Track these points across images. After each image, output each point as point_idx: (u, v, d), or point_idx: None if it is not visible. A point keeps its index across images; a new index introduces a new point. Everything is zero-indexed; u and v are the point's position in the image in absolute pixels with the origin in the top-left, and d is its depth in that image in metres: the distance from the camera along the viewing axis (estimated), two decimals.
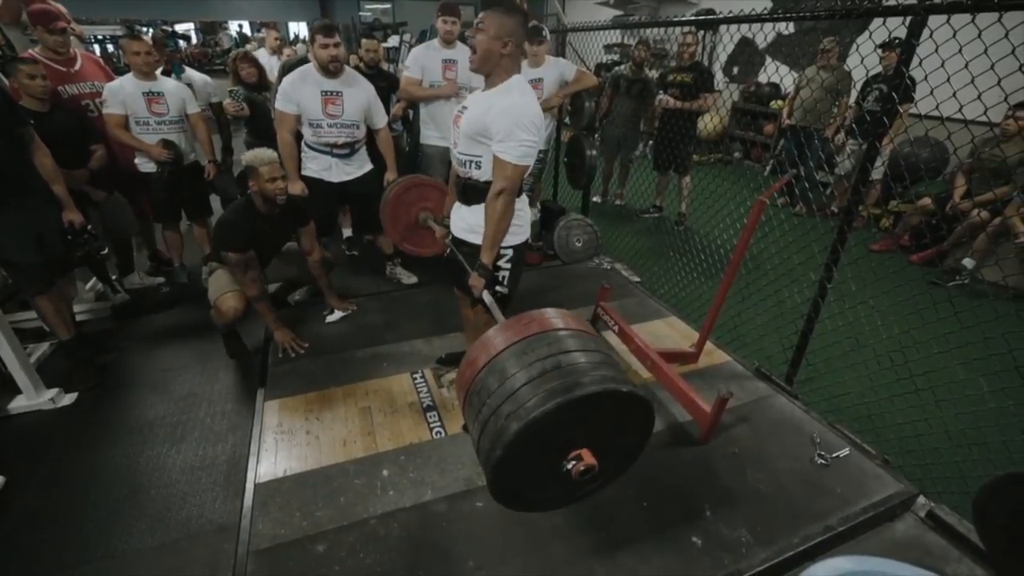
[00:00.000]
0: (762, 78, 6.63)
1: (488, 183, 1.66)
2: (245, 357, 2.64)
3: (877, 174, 4.42)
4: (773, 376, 2.37)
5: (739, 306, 2.58)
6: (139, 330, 2.93)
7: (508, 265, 1.81)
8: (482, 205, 1.68)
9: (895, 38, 3.90)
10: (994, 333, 1.65)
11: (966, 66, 1.56)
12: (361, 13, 12.07)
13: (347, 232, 3.97)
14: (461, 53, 3.18)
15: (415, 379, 2.36)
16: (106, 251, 3.42)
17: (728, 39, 5.51)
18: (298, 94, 2.64)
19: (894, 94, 1.76)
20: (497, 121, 1.55)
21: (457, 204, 1.90)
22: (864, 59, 2.23)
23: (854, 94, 4.61)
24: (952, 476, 1.82)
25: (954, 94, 1.64)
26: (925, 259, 3.94)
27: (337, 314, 2.75)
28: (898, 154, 4.35)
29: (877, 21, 1.92)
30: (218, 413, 2.25)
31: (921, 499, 1.82)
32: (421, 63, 3.10)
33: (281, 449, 1.93)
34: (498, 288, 1.82)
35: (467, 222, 1.83)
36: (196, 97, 3.30)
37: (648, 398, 1.21)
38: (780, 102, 6.38)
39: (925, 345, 1.89)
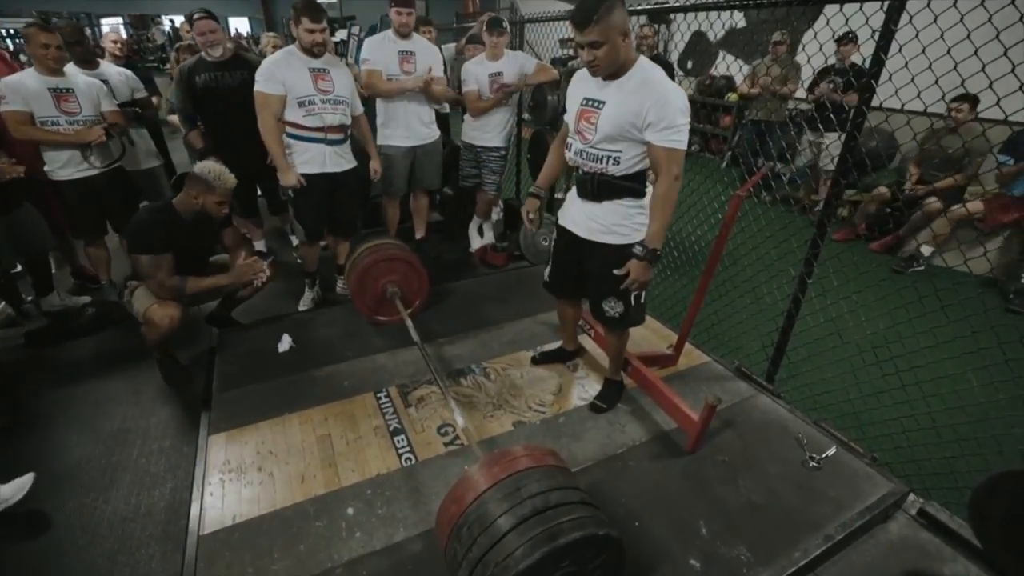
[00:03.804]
0: (715, 71, 6.70)
1: (625, 177, 1.64)
2: (185, 383, 2.37)
3: (833, 164, 4.50)
4: (754, 375, 2.31)
5: (715, 304, 2.51)
6: (60, 358, 2.60)
7: None
8: (616, 203, 1.67)
9: (850, 32, 4.02)
10: (982, 327, 1.61)
11: (923, 52, 1.53)
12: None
13: (296, 240, 3.69)
14: (419, 45, 2.99)
15: (379, 399, 2.16)
16: (18, 269, 3.05)
17: (680, 35, 5.50)
18: (283, 72, 2.43)
19: (873, 83, 1.69)
20: (658, 111, 1.49)
21: (580, 203, 1.78)
22: (821, 48, 2.20)
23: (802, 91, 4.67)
24: (941, 472, 1.79)
25: (912, 80, 1.63)
26: (884, 246, 4.02)
27: (287, 342, 2.51)
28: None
29: (831, 9, 1.86)
30: (155, 451, 1.99)
31: (911, 496, 1.78)
32: (377, 56, 2.89)
33: (229, 491, 1.70)
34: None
35: (601, 222, 1.70)
36: (115, 94, 2.97)
37: (621, 538, 1.23)
38: (735, 95, 6.46)
39: (911, 339, 1.85)
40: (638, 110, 1.51)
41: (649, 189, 1.75)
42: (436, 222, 4.25)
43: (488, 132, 3.32)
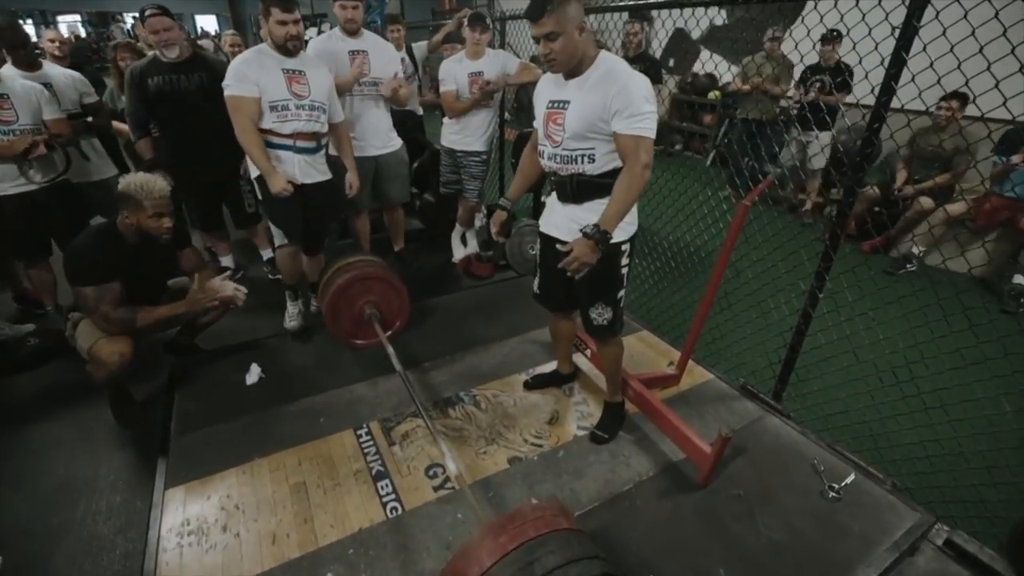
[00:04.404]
0: (701, 69, 6.61)
1: (604, 175, 1.57)
2: (141, 423, 2.13)
3: (819, 163, 4.43)
4: (761, 394, 2.18)
5: (717, 317, 2.37)
6: None
7: (628, 260, 1.72)
8: (598, 202, 1.59)
9: (834, 30, 3.94)
10: (1018, 349, 1.50)
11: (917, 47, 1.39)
12: None
13: (267, 254, 3.44)
14: (370, 42, 2.72)
15: (360, 437, 1.96)
16: None
17: (664, 32, 5.38)
18: (256, 73, 2.16)
19: (893, 84, 1.56)
20: (622, 100, 1.44)
21: (561, 207, 1.71)
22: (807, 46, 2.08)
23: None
24: (969, 500, 1.67)
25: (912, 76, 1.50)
26: (875, 247, 3.96)
27: (256, 372, 2.28)
28: (836, 142, 4.38)
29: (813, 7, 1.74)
30: (103, 510, 1.75)
31: (936, 525, 1.67)
32: (324, 57, 2.58)
33: (189, 559, 1.49)
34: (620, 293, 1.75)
35: (584, 224, 1.54)
36: (60, 99, 2.69)
37: None
38: (718, 93, 6.38)
39: (936, 360, 1.73)
40: (603, 102, 1.47)
41: None
42: (416, 230, 4.04)
43: (468, 136, 3.13)
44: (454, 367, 2.38)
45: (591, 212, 1.59)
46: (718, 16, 6.27)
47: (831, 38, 3.96)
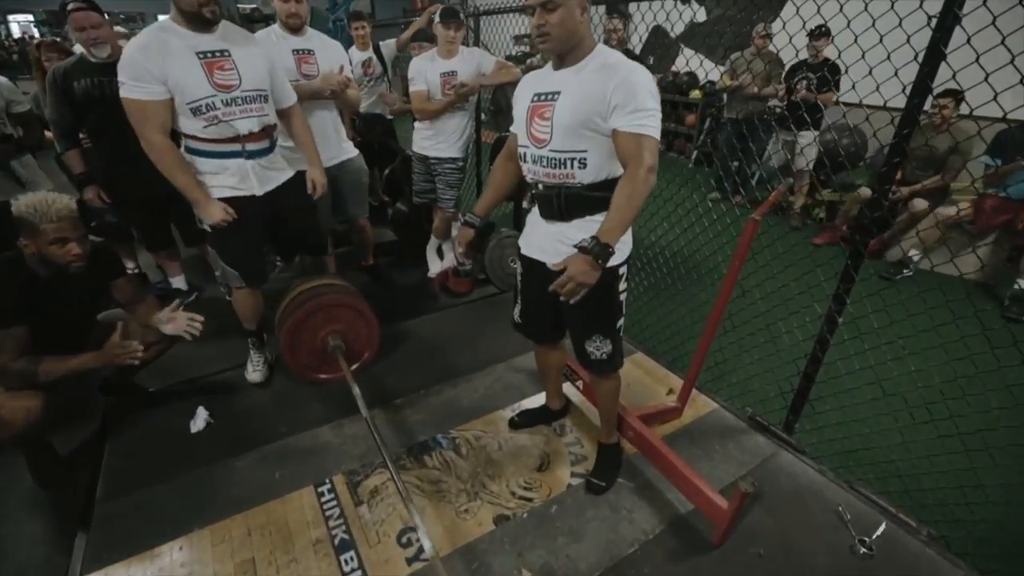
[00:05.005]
0: (686, 67, 6.45)
1: (597, 185, 1.35)
2: (64, 483, 1.82)
3: (809, 157, 4.29)
4: (771, 426, 1.97)
5: (721, 339, 2.15)
6: None
7: (625, 284, 1.51)
8: (590, 219, 1.38)
9: (821, 26, 3.78)
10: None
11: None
12: (239, 4, 10.70)
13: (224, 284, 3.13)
14: (316, 41, 2.41)
15: (321, 495, 1.69)
16: None
17: (645, 26, 5.21)
18: (158, 65, 1.60)
19: (928, 82, 1.35)
20: (623, 93, 1.23)
21: (546, 225, 1.47)
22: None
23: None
24: (1018, 553, 1.48)
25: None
26: (870, 252, 3.80)
27: (203, 418, 1.99)
28: (824, 142, 4.25)
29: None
30: None
31: None
32: None
33: None
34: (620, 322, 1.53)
35: (574, 243, 1.30)
36: None
37: None
38: (699, 91, 6.22)
39: (981, 398, 1.53)
40: (601, 93, 1.26)
41: None
42: (388, 242, 3.76)
43: (442, 141, 2.87)
44: (430, 403, 2.11)
45: (582, 231, 1.36)
46: (699, 11, 6.13)
47: (820, 34, 3.80)
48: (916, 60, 1.38)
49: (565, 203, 1.39)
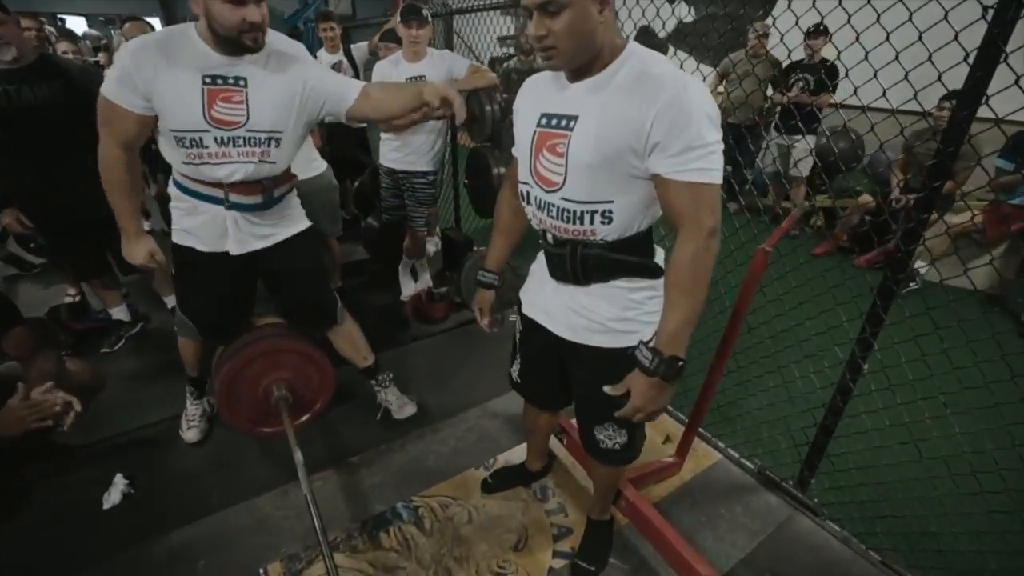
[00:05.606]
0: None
1: (623, 244, 1.02)
2: None
3: (805, 169, 4.07)
4: (784, 483, 1.71)
5: (724, 380, 1.89)
6: None
7: None
8: (615, 285, 1.06)
9: (820, 24, 3.55)
10: None
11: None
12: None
13: (172, 300, 2.81)
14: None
15: None
16: None
17: (632, 25, 4.97)
18: (147, 78, 1.29)
19: (983, 87, 1.10)
20: (670, 121, 0.86)
21: (554, 287, 1.15)
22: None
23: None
24: None
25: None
26: (872, 262, 3.60)
27: (120, 488, 1.68)
28: (827, 146, 4.04)
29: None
30: None
31: None
32: None
33: None
34: None
35: (590, 316, 1.08)
36: None
37: None
38: None
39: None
40: (637, 120, 0.89)
41: (661, 254, 1.10)
42: (359, 261, 3.47)
43: (411, 154, 2.59)
44: (392, 461, 1.83)
45: (602, 299, 1.08)
46: (688, 12, 5.92)
47: (819, 32, 3.58)
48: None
49: (582, 265, 1.06)
